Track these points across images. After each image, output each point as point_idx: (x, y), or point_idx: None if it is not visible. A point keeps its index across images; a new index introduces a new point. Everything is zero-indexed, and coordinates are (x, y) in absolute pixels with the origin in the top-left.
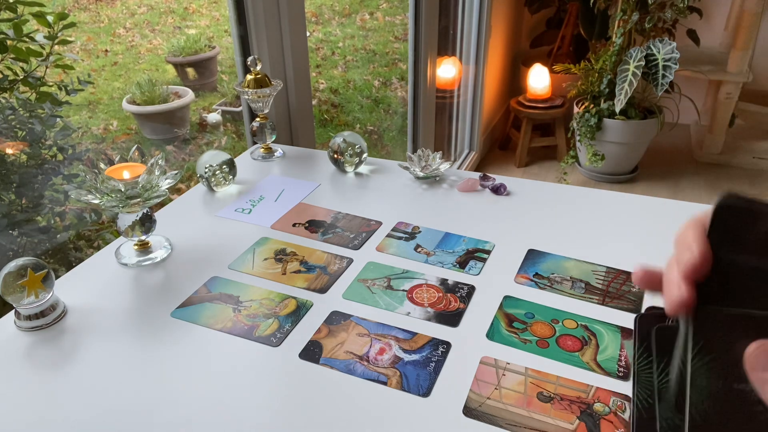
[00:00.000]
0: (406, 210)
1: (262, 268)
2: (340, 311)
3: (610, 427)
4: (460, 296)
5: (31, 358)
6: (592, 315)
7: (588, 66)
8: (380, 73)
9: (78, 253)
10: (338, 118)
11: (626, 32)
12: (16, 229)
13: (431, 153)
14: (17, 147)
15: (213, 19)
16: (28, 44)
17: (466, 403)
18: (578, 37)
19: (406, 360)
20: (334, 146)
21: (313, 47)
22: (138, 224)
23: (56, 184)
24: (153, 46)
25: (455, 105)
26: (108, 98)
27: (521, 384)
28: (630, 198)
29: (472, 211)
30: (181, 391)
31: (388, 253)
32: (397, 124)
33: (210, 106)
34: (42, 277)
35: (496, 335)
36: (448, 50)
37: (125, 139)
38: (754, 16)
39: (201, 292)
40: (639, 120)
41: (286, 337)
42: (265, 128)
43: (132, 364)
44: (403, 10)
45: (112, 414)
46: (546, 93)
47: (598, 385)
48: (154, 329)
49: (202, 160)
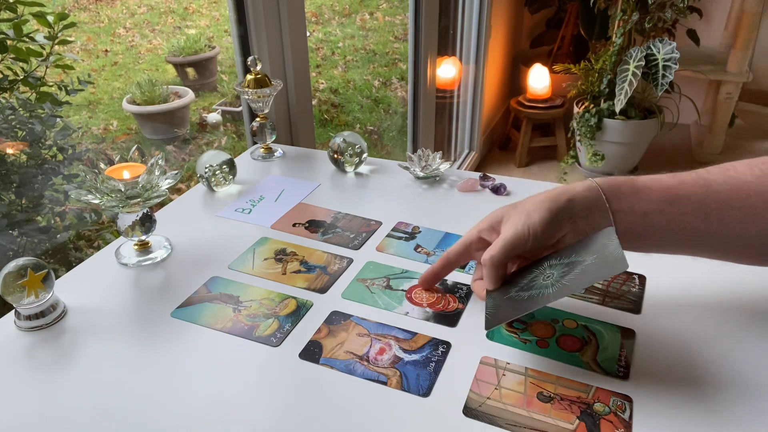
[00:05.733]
0: (406, 210)
1: (262, 268)
2: (340, 311)
3: (610, 427)
4: (459, 296)
5: (31, 358)
6: (592, 315)
7: (588, 66)
8: (380, 73)
9: (78, 253)
10: (338, 118)
11: (626, 32)
12: (16, 229)
13: (431, 153)
14: (17, 147)
15: (213, 19)
16: (28, 44)
17: (466, 403)
18: (578, 37)
19: (406, 360)
20: (334, 146)
21: (313, 47)
22: (138, 224)
23: (56, 184)
24: (153, 46)
25: (455, 105)
26: (108, 98)
27: (521, 384)
28: None
29: (472, 211)
30: (180, 391)
31: (388, 253)
32: (397, 124)
33: (210, 106)
34: (42, 277)
35: (496, 335)
36: (448, 50)
37: (125, 139)
38: (754, 16)
39: (201, 292)
40: (639, 120)
41: (286, 337)
42: (265, 128)
43: (132, 364)
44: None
45: (112, 414)
46: (546, 93)
47: (598, 385)
48: (154, 329)
49: (202, 160)
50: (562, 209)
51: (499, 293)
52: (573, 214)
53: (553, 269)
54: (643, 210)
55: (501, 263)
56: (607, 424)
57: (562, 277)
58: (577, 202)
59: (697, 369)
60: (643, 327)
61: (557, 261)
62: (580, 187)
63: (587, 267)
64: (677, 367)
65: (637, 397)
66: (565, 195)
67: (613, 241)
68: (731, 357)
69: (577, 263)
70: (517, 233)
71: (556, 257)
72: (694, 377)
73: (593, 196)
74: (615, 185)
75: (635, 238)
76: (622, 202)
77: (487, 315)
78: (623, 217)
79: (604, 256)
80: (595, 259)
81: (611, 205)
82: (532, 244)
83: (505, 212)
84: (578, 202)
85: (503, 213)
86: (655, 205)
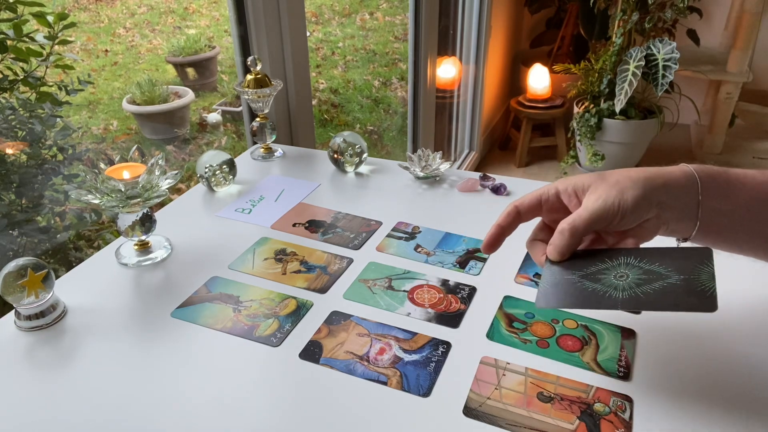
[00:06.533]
0: (406, 210)
1: (262, 268)
2: (340, 311)
3: (610, 427)
4: (461, 297)
5: (31, 358)
6: (592, 315)
7: (588, 66)
8: (380, 73)
9: (78, 253)
10: (338, 118)
11: (626, 32)
12: (16, 229)
13: (431, 153)
14: (17, 147)
15: (213, 19)
16: (28, 44)
17: (466, 403)
18: (578, 37)
19: (406, 360)
20: (334, 146)
21: (313, 47)
22: (138, 224)
23: (56, 184)
24: (153, 46)
25: (455, 105)
26: (108, 98)
27: (521, 384)
28: None
29: (472, 211)
30: (180, 391)
31: (388, 253)
32: (397, 124)
33: (210, 106)
34: (42, 277)
35: (496, 335)
36: (448, 50)
37: (125, 139)
38: (754, 16)
39: (201, 292)
40: (639, 120)
41: (286, 337)
42: (265, 128)
43: (132, 364)
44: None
45: (112, 414)
46: (546, 93)
47: (598, 385)
48: (154, 329)
49: (202, 160)
50: (656, 192)
51: (561, 270)
52: (665, 200)
53: (629, 270)
54: (731, 206)
55: (581, 234)
56: (608, 424)
57: (638, 285)
58: (671, 187)
59: (697, 369)
60: (643, 327)
61: (637, 262)
62: (678, 172)
63: (669, 287)
64: (677, 368)
65: (637, 397)
66: (661, 178)
67: (709, 269)
68: (732, 357)
69: (659, 275)
70: (607, 207)
71: (636, 256)
72: (694, 377)
73: (689, 184)
74: (711, 175)
75: (716, 233)
76: (712, 195)
77: (541, 290)
78: (710, 212)
79: (691, 283)
80: (681, 281)
81: (702, 198)
82: (619, 223)
83: (593, 181)
84: (673, 187)
85: (590, 181)
86: (745, 203)
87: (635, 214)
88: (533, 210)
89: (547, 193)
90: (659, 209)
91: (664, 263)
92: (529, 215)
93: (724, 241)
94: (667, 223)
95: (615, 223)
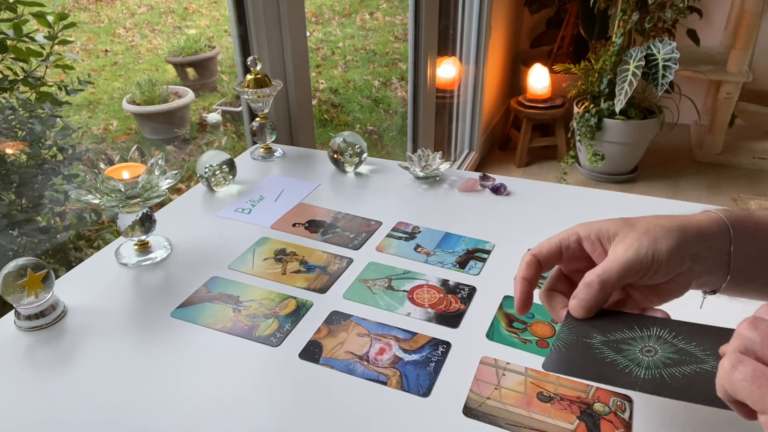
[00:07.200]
0: (406, 210)
1: (262, 268)
2: (340, 311)
3: (610, 427)
4: (461, 297)
5: (31, 358)
6: None
7: (588, 66)
8: (380, 73)
9: (78, 253)
10: (338, 118)
11: (626, 32)
12: (16, 229)
13: (431, 153)
14: (17, 147)
15: (213, 19)
16: (28, 44)
17: (466, 403)
18: (578, 37)
19: (406, 360)
20: (334, 146)
21: (313, 47)
22: (138, 224)
23: (56, 184)
24: (153, 46)
25: (455, 105)
26: (108, 98)
27: (521, 384)
28: (630, 198)
29: (472, 211)
30: (180, 391)
31: (388, 253)
32: (397, 124)
33: (210, 106)
34: (42, 277)
35: (496, 335)
36: (448, 50)
37: (125, 139)
38: (754, 16)
39: (201, 292)
40: (639, 120)
41: (286, 337)
42: (265, 128)
43: (132, 364)
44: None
45: (112, 414)
46: (546, 93)
47: (597, 385)
48: (154, 329)
49: (202, 160)
50: (690, 243)
51: (581, 329)
52: (698, 251)
53: (659, 344)
54: (759, 252)
55: (612, 288)
56: (607, 424)
57: (666, 365)
58: (704, 237)
59: None
60: None
61: (671, 337)
62: (708, 221)
63: (703, 374)
64: None
65: (637, 397)
66: (693, 227)
67: None
68: None
69: (693, 358)
70: (640, 257)
71: (672, 331)
72: None
73: (720, 232)
74: (740, 221)
75: (747, 281)
76: (742, 242)
77: (554, 349)
78: (741, 260)
79: None
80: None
81: (734, 246)
82: (651, 276)
83: (620, 227)
84: (705, 237)
85: (616, 227)
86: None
87: (669, 266)
88: (553, 258)
89: (568, 239)
90: (692, 261)
91: (703, 344)
92: (549, 264)
93: (755, 289)
94: (699, 276)
95: (647, 276)
